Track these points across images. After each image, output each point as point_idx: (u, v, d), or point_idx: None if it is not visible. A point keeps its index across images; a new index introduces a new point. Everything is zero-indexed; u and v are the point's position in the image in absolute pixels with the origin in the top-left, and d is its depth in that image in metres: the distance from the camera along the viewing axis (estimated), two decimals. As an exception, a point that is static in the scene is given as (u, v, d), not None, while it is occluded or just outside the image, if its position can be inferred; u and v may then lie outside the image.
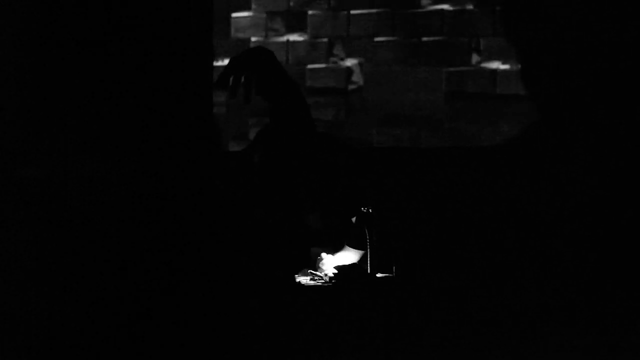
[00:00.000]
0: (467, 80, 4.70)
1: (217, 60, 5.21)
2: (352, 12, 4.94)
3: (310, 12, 5.05)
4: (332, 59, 4.99)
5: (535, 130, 4.16)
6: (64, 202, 3.26)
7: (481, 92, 4.63)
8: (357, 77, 4.94)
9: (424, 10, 4.77)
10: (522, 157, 3.87)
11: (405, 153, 4.49)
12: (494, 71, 4.62)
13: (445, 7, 4.72)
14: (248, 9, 5.19)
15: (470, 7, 4.66)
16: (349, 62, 4.97)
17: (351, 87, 4.96)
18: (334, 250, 3.39)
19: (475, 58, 4.68)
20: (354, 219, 3.29)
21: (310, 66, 5.02)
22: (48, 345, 2.83)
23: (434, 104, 4.73)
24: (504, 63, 4.59)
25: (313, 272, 3.33)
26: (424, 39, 4.77)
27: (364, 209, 3.22)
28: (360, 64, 4.92)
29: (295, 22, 5.08)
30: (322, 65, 5.02)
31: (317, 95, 5.01)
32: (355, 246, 3.31)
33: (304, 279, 3.26)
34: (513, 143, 4.26)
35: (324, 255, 3.36)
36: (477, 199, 3.61)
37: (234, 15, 5.20)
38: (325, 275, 3.25)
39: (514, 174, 3.67)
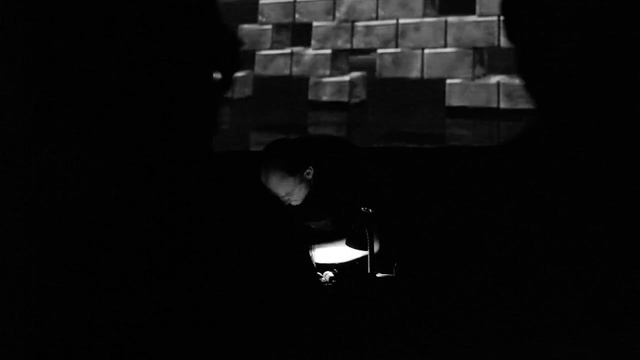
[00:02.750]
0: (470, 94, 4.52)
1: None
2: (357, 24, 4.80)
3: (315, 23, 4.90)
4: (336, 71, 4.82)
5: (536, 133, 4.01)
6: (64, 201, 3.19)
7: (484, 107, 4.45)
8: (360, 91, 4.77)
9: (429, 21, 4.62)
10: (523, 157, 3.75)
11: (405, 153, 4.33)
12: (497, 85, 4.44)
13: (450, 19, 4.55)
14: (254, 21, 5.05)
15: (474, 18, 4.50)
16: (353, 75, 4.80)
17: (354, 100, 4.79)
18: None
19: (478, 71, 4.49)
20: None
21: (313, 79, 4.86)
22: (48, 346, 2.67)
23: (436, 119, 4.55)
24: (508, 76, 4.41)
25: None
26: (427, 51, 4.60)
27: (364, 208, 3.09)
28: (363, 78, 4.76)
29: (300, 34, 4.93)
30: (325, 79, 4.86)
31: (319, 108, 4.85)
32: (355, 246, 3.16)
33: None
34: (513, 144, 4.09)
35: (315, 246, 3.21)
36: (477, 199, 3.48)
37: (241, 27, 5.06)
38: (326, 274, 3.13)
39: (514, 173, 3.55)
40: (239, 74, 5.06)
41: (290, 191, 3.18)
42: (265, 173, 3.17)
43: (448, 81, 4.52)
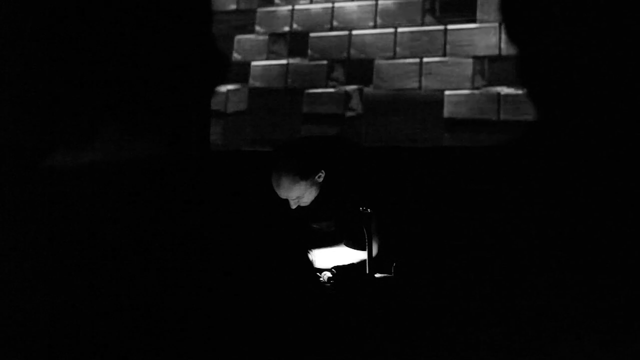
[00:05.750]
0: (469, 105, 4.28)
1: (219, 85, 4.87)
2: (354, 32, 4.58)
3: (312, 34, 4.68)
4: (331, 83, 4.60)
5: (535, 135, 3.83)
6: (64, 200, 3.10)
7: (484, 120, 4.21)
8: (355, 104, 4.54)
9: (427, 29, 4.39)
10: (523, 158, 3.59)
11: (405, 153, 4.11)
12: (498, 95, 4.20)
13: (450, 27, 4.32)
14: (251, 31, 4.84)
15: (474, 25, 4.26)
16: (349, 87, 4.57)
17: (349, 114, 4.56)
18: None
19: (478, 81, 4.26)
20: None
21: (308, 91, 4.63)
22: (48, 346, 2.53)
23: (434, 132, 4.32)
24: (509, 87, 4.17)
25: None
26: (426, 60, 4.37)
27: (362, 208, 2.88)
28: (360, 90, 4.53)
29: (296, 45, 4.71)
30: (321, 90, 4.63)
31: (313, 122, 4.62)
32: (354, 246, 2.94)
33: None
34: (513, 145, 3.88)
35: (315, 250, 3.02)
36: (477, 199, 3.30)
37: (238, 37, 4.85)
38: (324, 275, 2.89)
39: (514, 174, 3.39)
40: (234, 86, 4.86)
41: (301, 195, 3.02)
42: (276, 177, 3.00)
43: (447, 92, 4.30)
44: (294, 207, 3.03)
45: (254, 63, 4.80)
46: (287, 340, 2.52)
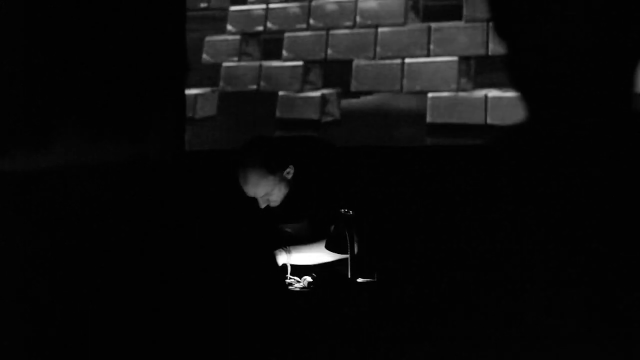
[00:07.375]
0: (454, 108, 4.06)
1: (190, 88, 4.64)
2: (332, 32, 4.34)
3: (287, 34, 4.45)
4: (307, 86, 4.36)
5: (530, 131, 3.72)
6: (54, 198, 3.04)
7: (470, 124, 3.99)
8: (332, 108, 4.32)
9: (410, 28, 4.16)
10: (511, 158, 3.51)
11: (387, 153, 3.92)
12: (485, 98, 3.98)
13: (434, 25, 4.10)
14: (222, 32, 4.60)
15: (460, 23, 4.04)
16: (325, 91, 4.34)
17: (326, 119, 4.34)
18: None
19: (464, 83, 4.04)
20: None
21: (282, 95, 4.40)
22: (48, 346, 2.50)
23: (417, 138, 4.09)
24: (497, 89, 3.95)
25: (291, 276, 2.82)
26: (408, 60, 4.15)
27: (344, 210, 2.71)
28: (337, 93, 4.30)
29: (270, 45, 4.48)
30: (296, 94, 4.40)
31: (287, 127, 4.40)
32: (335, 249, 2.74)
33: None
34: (507, 142, 3.71)
35: (292, 248, 2.86)
36: (462, 199, 3.19)
37: (208, 39, 4.61)
38: (304, 279, 2.77)
39: (500, 174, 3.29)
40: (203, 90, 4.63)
41: (270, 191, 2.89)
42: (243, 172, 2.87)
43: (430, 95, 4.08)
44: (262, 206, 2.90)
45: (224, 65, 4.56)
46: (266, 347, 2.39)
